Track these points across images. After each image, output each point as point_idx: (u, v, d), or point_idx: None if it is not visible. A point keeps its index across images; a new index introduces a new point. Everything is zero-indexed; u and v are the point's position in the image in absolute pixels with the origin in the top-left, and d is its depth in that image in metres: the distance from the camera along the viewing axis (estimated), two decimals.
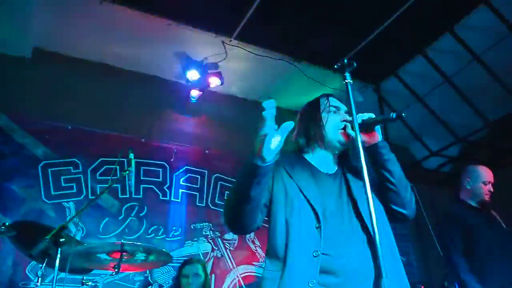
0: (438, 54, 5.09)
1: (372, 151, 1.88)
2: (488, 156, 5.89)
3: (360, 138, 1.69)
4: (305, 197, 1.81)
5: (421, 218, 4.96)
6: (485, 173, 3.59)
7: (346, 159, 2.03)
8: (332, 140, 1.96)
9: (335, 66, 1.69)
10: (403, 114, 1.72)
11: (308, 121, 2.05)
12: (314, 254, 1.68)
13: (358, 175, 1.91)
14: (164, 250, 3.09)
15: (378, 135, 1.89)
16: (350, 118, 1.90)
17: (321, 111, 2.03)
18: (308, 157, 2.01)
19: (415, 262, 5.85)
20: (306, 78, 5.19)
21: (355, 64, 1.68)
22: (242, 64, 5.12)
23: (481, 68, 4.87)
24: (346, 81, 1.66)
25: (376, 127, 1.87)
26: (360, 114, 1.87)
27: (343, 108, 2.05)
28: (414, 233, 5.58)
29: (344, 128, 1.92)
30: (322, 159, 1.99)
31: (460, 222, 3.39)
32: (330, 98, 2.08)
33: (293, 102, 5.67)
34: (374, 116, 1.86)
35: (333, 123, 1.98)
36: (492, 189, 3.55)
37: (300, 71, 5.16)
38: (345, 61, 1.66)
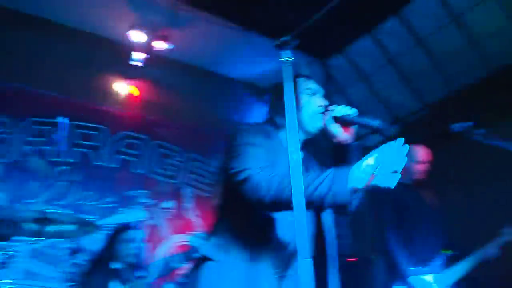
0: (385, 35, 5.14)
1: (341, 149, 1.87)
2: (424, 137, 6.09)
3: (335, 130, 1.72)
4: None
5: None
6: (421, 153, 3.68)
7: (307, 145, 2.01)
8: (308, 124, 1.93)
9: (275, 44, 1.61)
10: (383, 127, 1.74)
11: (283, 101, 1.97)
12: None
13: (316, 166, 1.99)
14: (91, 218, 2.98)
15: (352, 136, 1.88)
16: (327, 103, 1.91)
17: (299, 92, 1.97)
18: (283, 138, 1.95)
19: (347, 234, 6.02)
20: (255, 49, 5.09)
21: (297, 43, 1.61)
22: (190, 29, 4.93)
23: (422, 52, 4.97)
24: (286, 59, 1.59)
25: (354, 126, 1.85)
26: (341, 107, 1.86)
27: (321, 91, 2.02)
28: None
29: (322, 115, 1.90)
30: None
31: (390, 195, 3.48)
32: (308, 80, 2.03)
33: (241, 72, 5.59)
34: (356, 114, 1.84)
35: (311, 107, 1.94)
36: (426, 168, 3.64)
37: (250, 41, 5.05)
38: (285, 38, 1.58)
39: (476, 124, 2.56)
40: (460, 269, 3.36)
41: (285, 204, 1.51)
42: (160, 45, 4.74)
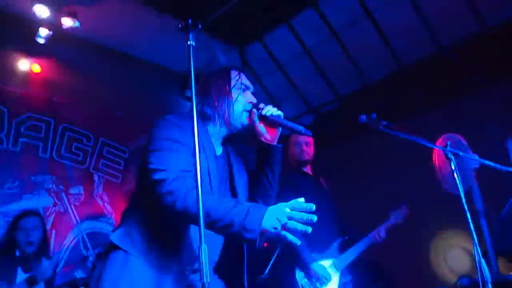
0: (302, 26, 5.25)
1: (265, 149, 1.88)
2: (335, 128, 6.36)
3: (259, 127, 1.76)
4: (210, 181, 1.77)
5: None
6: (295, 136, 3.78)
7: (229, 141, 2.00)
8: (236, 120, 1.91)
9: (179, 26, 1.59)
10: (306, 132, 1.78)
11: (218, 93, 1.92)
12: None
13: (240, 163, 2.01)
14: None
15: (277, 136, 1.90)
16: (262, 106, 1.89)
17: (231, 86, 1.94)
18: (210, 130, 1.93)
19: None
20: (169, 32, 4.97)
21: (199, 26, 1.60)
22: (100, 7, 4.71)
23: (338, 44, 5.15)
24: (189, 42, 1.58)
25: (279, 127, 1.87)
26: (269, 107, 1.86)
27: (252, 88, 2.02)
28: None
29: (250, 112, 1.89)
30: (217, 136, 1.94)
31: (289, 183, 3.59)
32: (242, 74, 2.01)
33: (155, 55, 5.46)
34: (282, 116, 1.85)
35: (242, 103, 1.92)
36: (305, 148, 3.74)
37: (163, 23, 4.93)
38: (190, 21, 1.57)
39: (379, 116, 2.70)
40: (352, 253, 3.57)
41: (195, 219, 1.48)
42: (67, 22, 4.46)
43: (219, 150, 1.93)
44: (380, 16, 4.89)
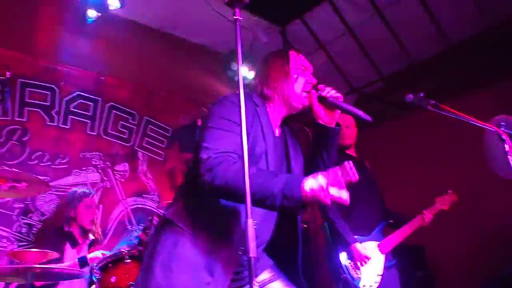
0: (344, 3, 5.16)
1: (322, 131, 1.87)
2: (379, 108, 6.25)
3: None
4: (267, 164, 1.77)
5: None
6: (346, 118, 3.73)
7: (287, 122, 2.01)
8: (295, 101, 1.91)
9: (226, 1, 1.61)
10: (366, 118, 1.75)
11: (277, 73, 1.94)
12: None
13: (297, 145, 2.01)
14: (43, 178, 2.93)
15: (335, 119, 1.87)
16: (322, 87, 1.88)
17: (290, 66, 1.95)
18: (270, 110, 1.94)
19: None
20: (212, 12, 5.01)
21: (247, 1, 1.61)
22: None
23: (381, 22, 5.03)
24: (235, 17, 1.60)
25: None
26: (329, 89, 1.85)
27: (310, 69, 2.01)
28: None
29: (310, 93, 1.88)
30: (276, 116, 1.94)
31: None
32: (301, 56, 2.01)
33: (197, 34, 5.50)
34: (341, 99, 1.84)
35: (301, 83, 1.92)
36: (345, 132, 3.62)
37: (208, 3, 4.96)
38: None
39: (427, 96, 2.65)
40: (397, 236, 3.53)
41: (236, 196, 1.54)
42: (113, 3, 4.58)
43: (277, 131, 1.94)
44: None
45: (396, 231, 3.54)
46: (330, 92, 1.85)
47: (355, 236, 3.35)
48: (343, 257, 3.33)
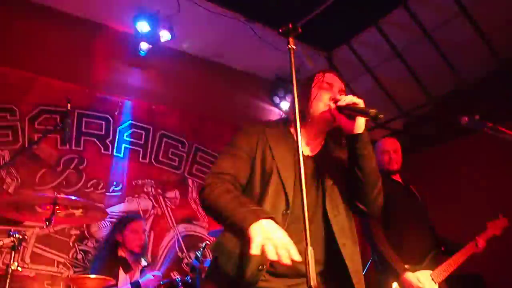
0: (391, 27, 5.13)
1: (348, 140, 1.86)
2: (429, 131, 6.12)
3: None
4: (280, 179, 1.80)
5: None
6: (383, 143, 3.66)
7: (332, 138, 2.01)
8: (317, 117, 1.92)
9: (280, 30, 1.65)
10: (380, 116, 1.71)
11: (300, 95, 1.97)
12: None
13: (335, 159, 1.96)
14: (99, 205, 3.02)
15: (359, 126, 1.81)
16: (340, 97, 1.85)
17: (312, 86, 1.97)
18: (302, 130, 1.93)
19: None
20: (259, 40, 5.11)
21: (300, 30, 1.64)
22: (194, 20, 4.96)
23: (429, 44, 4.96)
24: (289, 46, 1.63)
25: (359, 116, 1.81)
26: (346, 96, 1.82)
27: (338, 85, 1.99)
28: None
29: (329, 106, 1.87)
30: (308, 135, 1.96)
31: (384, 196, 3.47)
32: (327, 74, 2.01)
33: (245, 62, 5.61)
34: (361, 104, 1.79)
35: (322, 100, 1.92)
36: (393, 156, 3.58)
37: (254, 32, 5.07)
38: (290, 25, 1.61)
39: (483, 118, 2.57)
40: (450, 264, 3.38)
41: (216, 217, 1.68)
42: (165, 35, 4.77)
43: (307, 150, 1.93)
44: (476, 11, 4.65)
45: (449, 259, 3.40)
46: (346, 100, 1.81)
47: (406, 266, 3.24)
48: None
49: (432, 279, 3.26)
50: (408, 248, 3.33)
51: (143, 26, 4.68)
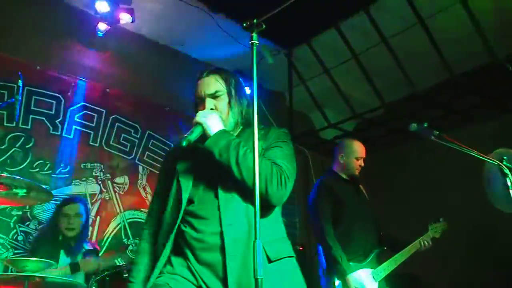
0: (351, 30, 5.24)
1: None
2: (379, 134, 6.31)
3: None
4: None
5: (310, 184, 5.26)
6: (359, 149, 3.81)
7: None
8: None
9: (244, 25, 1.66)
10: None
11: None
12: None
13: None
14: (44, 187, 2.93)
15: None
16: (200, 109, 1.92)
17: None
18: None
19: (298, 224, 6.17)
20: (221, 32, 5.09)
21: (263, 26, 1.66)
22: (157, 5, 4.88)
23: (386, 51, 5.11)
24: (252, 41, 1.64)
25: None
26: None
27: (207, 92, 1.97)
28: (301, 197, 5.84)
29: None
30: None
31: (331, 192, 3.61)
32: (198, 83, 2.05)
33: (205, 53, 5.58)
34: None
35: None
36: (362, 164, 3.78)
37: (216, 23, 5.04)
38: (254, 21, 1.63)
39: (430, 126, 2.68)
40: (391, 263, 3.53)
41: None
42: (125, 18, 4.66)
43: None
44: (433, 23, 4.83)
45: (391, 258, 3.55)
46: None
47: (351, 263, 3.35)
48: (337, 285, 3.32)
49: (373, 277, 3.40)
50: (354, 245, 3.46)
51: (102, 6, 4.54)
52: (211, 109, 1.89)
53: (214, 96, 1.94)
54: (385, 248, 3.64)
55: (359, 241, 3.51)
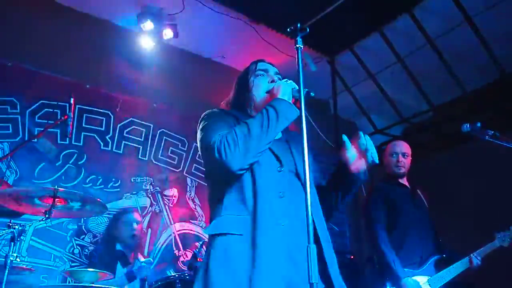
0: (394, 33, 5.15)
1: (345, 173, 1.89)
2: (429, 138, 6.12)
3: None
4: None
5: (359, 192, 5.17)
6: (392, 146, 3.73)
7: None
8: (260, 103, 1.96)
9: (288, 30, 1.66)
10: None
11: (238, 88, 2.08)
12: (280, 194, 1.73)
13: (298, 143, 1.90)
14: (99, 200, 3.02)
15: (364, 166, 1.90)
16: (277, 79, 1.97)
17: (249, 76, 2.04)
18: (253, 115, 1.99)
19: (348, 233, 6.07)
20: (262, 42, 5.12)
21: (308, 30, 1.66)
22: (199, 19, 4.97)
23: (432, 52, 4.98)
24: (297, 46, 1.64)
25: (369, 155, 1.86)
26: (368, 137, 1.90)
27: (273, 70, 2.07)
28: (350, 206, 5.76)
29: (271, 90, 1.92)
30: None
31: (383, 195, 3.52)
32: (259, 63, 2.09)
33: (247, 63, 5.60)
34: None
35: (261, 86, 2.00)
36: (401, 160, 3.63)
37: (257, 33, 5.08)
38: (298, 25, 1.63)
39: (484, 126, 2.59)
40: (450, 272, 3.39)
41: (255, 149, 1.68)
42: (168, 34, 4.78)
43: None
44: (480, 21, 4.67)
45: (449, 267, 3.41)
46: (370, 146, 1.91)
47: (405, 269, 3.25)
48: None
49: (429, 285, 3.28)
50: (409, 251, 3.36)
51: (147, 24, 4.69)
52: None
53: (277, 74, 2.06)
54: (444, 256, 3.50)
55: (414, 247, 3.40)
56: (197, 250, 3.66)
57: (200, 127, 1.91)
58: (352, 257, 5.24)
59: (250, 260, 1.59)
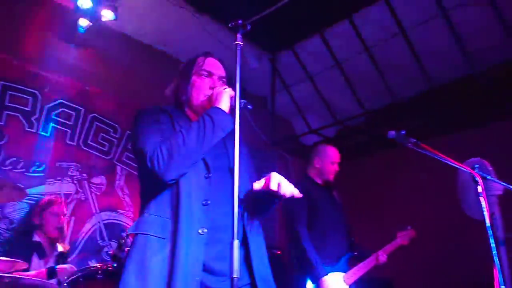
0: (334, 37, 5.26)
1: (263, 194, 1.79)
2: (360, 141, 6.35)
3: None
4: None
5: None
6: (333, 154, 3.87)
7: None
8: (196, 106, 1.95)
9: (229, 25, 1.63)
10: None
11: (180, 79, 2.02)
12: (203, 202, 1.71)
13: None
14: (17, 184, 2.84)
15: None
16: (220, 84, 1.93)
17: (193, 71, 1.99)
18: (189, 114, 1.99)
19: (277, 228, 6.16)
20: (205, 33, 5.05)
21: (249, 27, 1.64)
22: (141, 3, 4.81)
23: (368, 59, 5.14)
24: (236, 42, 1.62)
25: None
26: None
27: (218, 73, 2.00)
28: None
29: (210, 97, 1.89)
30: (191, 119, 1.97)
31: (306, 196, 3.61)
32: (207, 60, 2.03)
33: (188, 54, 5.51)
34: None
35: (201, 89, 1.96)
36: (337, 169, 3.85)
37: (200, 24, 5.00)
38: (240, 22, 1.60)
39: (408, 134, 2.71)
40: (361, 268, 3.59)
41: (189, 160, 1.68)
42: (107, 15, 4.56)
43: None
44: (414, 35, 4.88)
45: (359, 264, 3.62)
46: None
47: (323, 265, 3.38)
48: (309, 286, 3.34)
49: (344, 281, 3.44)
50: (327, 249, 3.51)
51: (84, 2, 4.45)
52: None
53: (221, 79, 2.00)
54: (356, 253, 3.68)
55: (332, 246, 3.58)
56: (123, 240, 3.56)
57: (134, 128, 1.87)
58: (279, 252, 5.32)
59: (167, 266, 1.59)
